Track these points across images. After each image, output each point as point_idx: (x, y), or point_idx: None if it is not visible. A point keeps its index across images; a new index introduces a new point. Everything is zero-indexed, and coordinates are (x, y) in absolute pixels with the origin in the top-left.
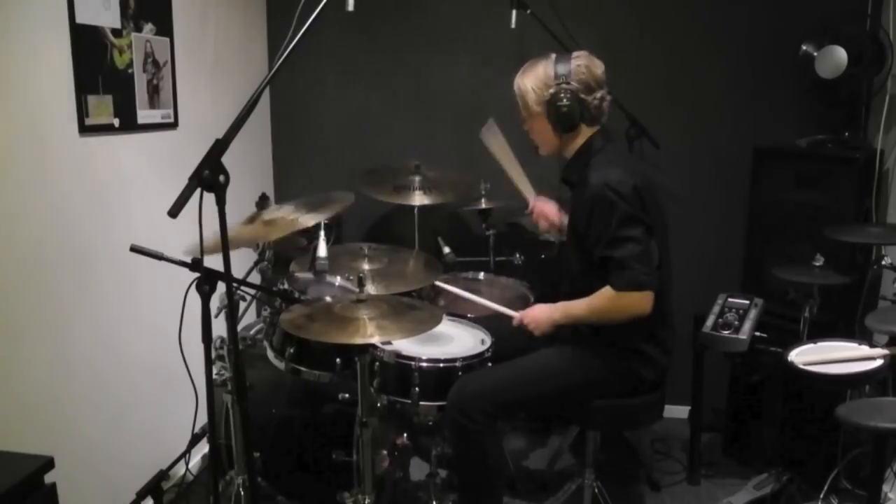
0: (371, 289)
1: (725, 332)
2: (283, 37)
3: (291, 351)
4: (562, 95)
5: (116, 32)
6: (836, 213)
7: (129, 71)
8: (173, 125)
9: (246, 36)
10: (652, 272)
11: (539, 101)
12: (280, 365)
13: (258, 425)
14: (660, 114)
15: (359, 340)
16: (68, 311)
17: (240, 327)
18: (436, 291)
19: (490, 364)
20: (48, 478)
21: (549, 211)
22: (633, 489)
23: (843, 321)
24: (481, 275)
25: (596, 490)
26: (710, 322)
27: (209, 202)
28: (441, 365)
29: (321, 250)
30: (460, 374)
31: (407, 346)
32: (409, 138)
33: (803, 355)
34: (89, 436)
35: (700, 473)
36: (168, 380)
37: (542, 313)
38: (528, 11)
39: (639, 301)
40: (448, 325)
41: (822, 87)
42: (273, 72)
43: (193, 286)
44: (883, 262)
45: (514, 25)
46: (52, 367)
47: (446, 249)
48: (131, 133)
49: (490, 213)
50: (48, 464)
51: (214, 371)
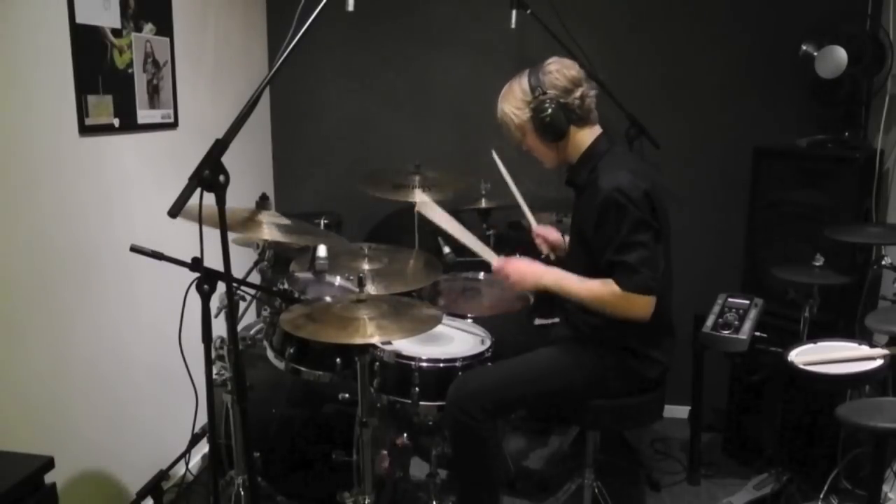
0: (371, 289)
1: (725, 332)
2: (283, 37)
3: (291, 351)
4: (545, 106)
5: (116, 32)
6: (836, 213)
7: (129, 71)
8: (173, 125)
9: (246, 36)
10: (657, 278)
11: (524, 118)
12: (280, 365)
13: (258, 425)
14: (660, 114)
15: (359, 340)
16: (68, 310)
17: (240, 327)
18: (437, 290)
19: (489, 364)
20: (48, 478)
21: (550, 235)
22: (633, 489)
23: (843, 321)
24: (481, 275)
25: (596, 490)
26: (710, 322)
27: (209, 202)
28: (441, 365)
29: (321, 250)
30: (460, 374)
31: (407, 346)
32: (409, 138)
33: (803, 355)
34: (89, 436)
35: (700, 473)
36: (168, 380)
37: (531, 270)
38: (528, 11)
39: (642, 305)
40: (448, 325)
41: (822, 87)
42: (273, 72)
43: (193, 286)
44: (883, 262)
45: (514, 25)
46: (52, 367)
47: (446, 249)
48: (131, 133)
49: (490, 213)
50: (48, 464)
51: (214, 371)
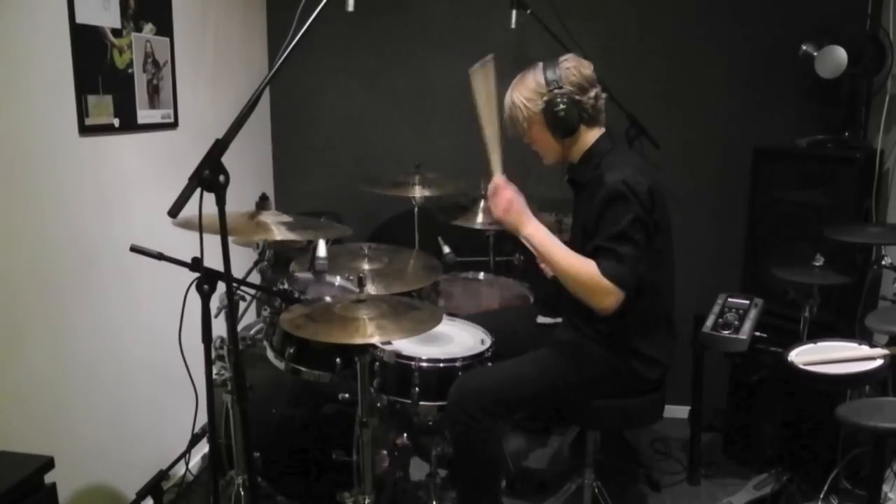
0: (371, 289)
1: (725, 332)
2: (283, 37)
3: (291, 351)
4: (557, 101)
5: (116, 32)
6: (836, 213)
7: (129, 71)
8: (173, 125)
9: (246, 36)
10: (633, 281)
11: (535, 110)
12: (280, 365)
13: (258, 425)
14: (660, 114)
15: (359, 340)
16: (68, 310)
17: (240, 327)
18: (437, 290)
19: (490, 364)
20: (48, 478)
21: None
22: (633, 489)
23: (843, 321)
24: (481, 275)
25: (596, 490)
26: (710, 322)
27: (209, 202)
28: (441, 365)
29: (321, 250)
30: (460, 374)
31: (407, 346)
32: (409, 138)
33: (803, 355)
34: (89, 436)
35: (700, 473)
36: (168, 380)
37: (519, 210)
38: (528, 11)
39: (611, 297)
40: (448, 325)
41: (822, 87)
42: (273, 72)
43: (193, 286)
44: (883, 262)
45: (514, 25)
46: (52, 367)
47: (446, 249)
48: (131, 133)
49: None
50: (48, 464)
51: (214, 371)
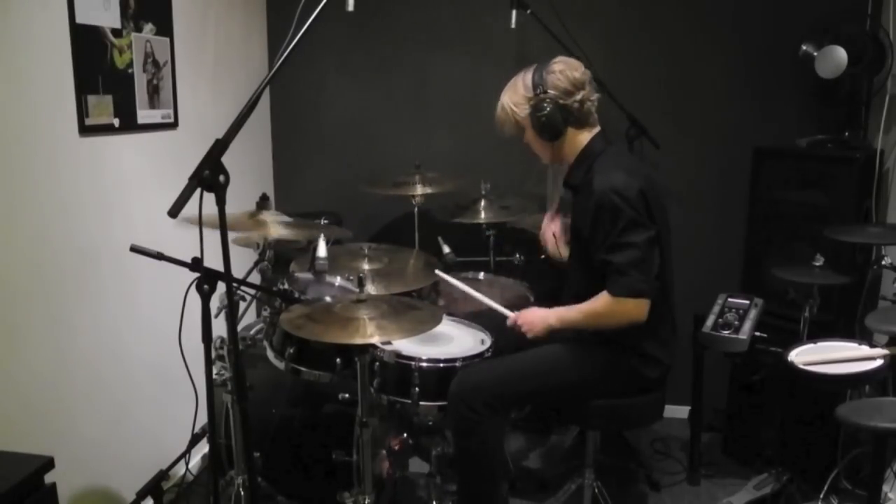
0: (371, 289)
1: (725, 332)
2: (283, 37)
3: (291, 351)
4: (542, 105)
5: (116, 32)
6: (836, 213)
7: (129, 71)
8: (173, 125)
9: (246, 36)
10: (649, 280)
11: (522, 115)
12: (280, 365)
13: (258, 425)
14: (660, 114)
15: (359, 340)
16: (68, 310)
17: (240, 327)
18: (437, 290)
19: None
20: (48, 478)
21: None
22: (633, 489)
23: (843, 321)
24: (481, 275)
25: (596, 490)
26: (710, 322)
27: (209, 202)
28: (441, 365)
29: (321, 250)
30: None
31: (407, 346)
32: (409, 138)
33: (803, 355)
34: (89, 436)
35: (700, 473)
36: (168, 380)
37: (537, 317)
38: (528, 11)
39: (634, 308)
40: (448, 325)
41: (822, 87)
42: (273, 72)
43: (193, 286)
44: (883, 262)
45: (514, 25)
46: (52, 366)
47: (446, 249)
48: (131, 133)
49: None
50: (48, 464)
51: (214, 371)
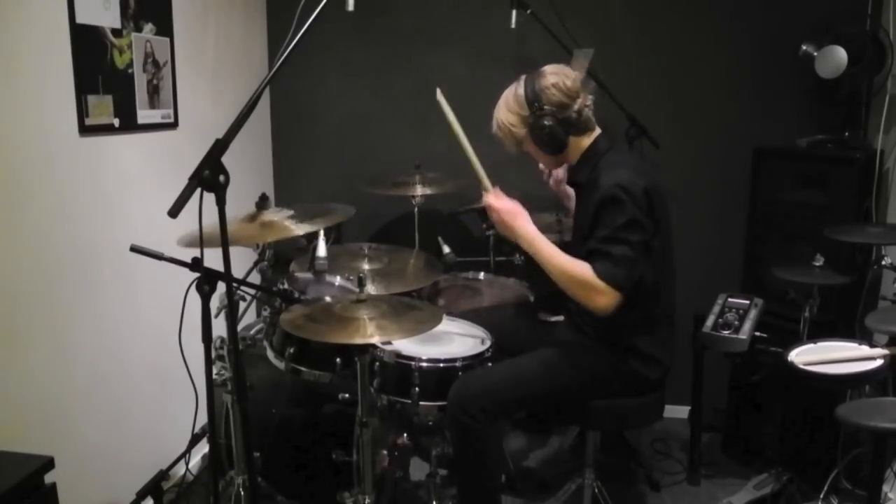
0: (371, 289)
1: (725, 332)
2: (283, 37)
3: (291, 351)
4: (542, 122)
5: (116, 32)
6: (836, 213)
7: (129, 71)
8: (173, 125)
9: (246, 36)
10: (630, 281)
11: (521, 133)
12: (280, 365)
13: (258, 425)
14: (660, 114)
15: (359, 340)
16: (68, 310)
17: (240, 327)
18: (437, 290)
19: (490, 364)
20: (48, 478)
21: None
22: (633, 489)
23: (843, 321)
24: (481, 275)
25: (596, 490)
26: (710, 322)
27: (209, 202)
28: (441, 365)
29: (321, 250)
30: (460, 374)
31: (407, 346)
32: (409, 138)
33: (803, 355)
34: (89, 436)
35: (700, 473)
36: (168, 380)
37: (515, 218)
38: (529, 11)
39: (607, 298)
40: (448, 325)
41: (822, 87)
42: (273, 72)
43: (193, 286)
44: (883, 262)
45: (514, 25)
46: (52, 367)
47: (446, 249)
48: (131, 133)
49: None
50: (48, 464)
51: (214, 371)
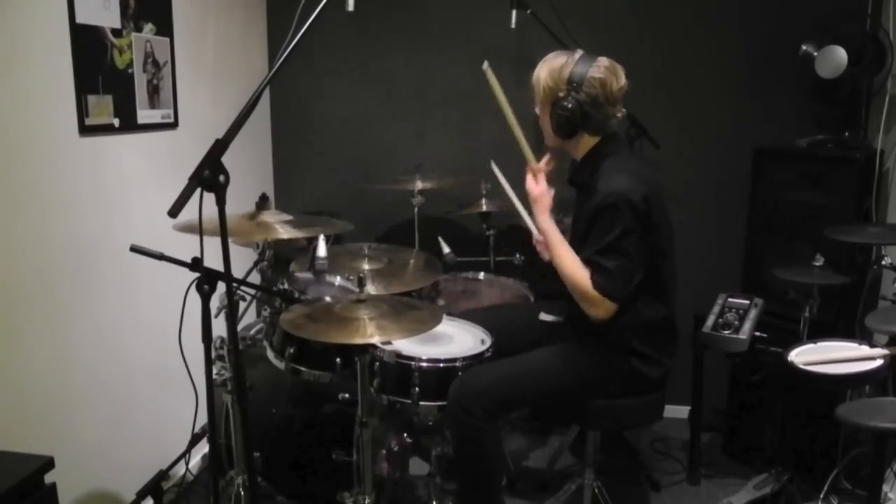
0: (371, 289)
1: (725, 332)
2: (283, 37)
3: (291, 351)
4: (566, 103)
5: (116, 32)
6: (836, 213)
7: (129, 71)
8: (173, 125)
9: (246, 36)
10: (626, 289)
11: (547, 97)
12: (280, 365)
13: (258, 425)
14: (660, 114)
15: (359, 340)
16: (68, 310)
17: (240, 327)
18: (437, 290)
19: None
20: (48, 478)
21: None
22: (633, 489)
23: (843, 321)
24: (481, 275)
25: (596, 490)
26: (710, 322)
27: (209, 202)
28: (441, 365)
29: (321, 250)
30: (460, 374)
31: (407, 346)
32: (409, 138)
33: (803, 355)
34: (89, 436)
35: (700, 473)
36: (168, 380)
37: (534, 207)
38: (529, 11)
39: (602, 308)
40: (448, 325)
41: (822, 87)
42: (273, 72)
43: (193, 286)
44: (883, 262)
45: (514, 25)
46: (52, 367)
47: (446, 249)
48: (131, 133)
49: (490, 214)
50: (48, 464)
51: (214, 371)
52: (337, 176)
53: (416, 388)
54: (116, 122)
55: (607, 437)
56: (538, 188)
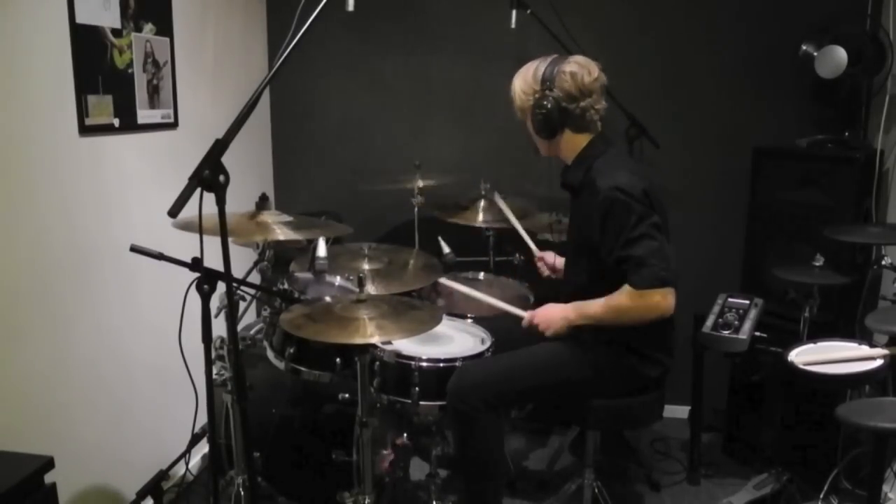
0: (371, 289)
1: (725, 332)
2: (283, 37)
3: (291, 351)
4: (544, 103)
5: (116, 32)
6: (836, 213)
7: (129, 71)
8: (173, 125)
9: (246, 36)
10: (669, 269)
11: (526, 105)
12: (280, 365)
13: (258, 425)
14: (660, 114)
15: (359, 340)
16: (68, 310)
17: (240, 327)
18: (439, 291)
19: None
20: (48, 478)
21: (550, 259)
22: (633, 489)
23: (843, 321)
24: (481, 275)
25: (596, 490)
26: (710, 322)
27: (209, 202)
28: (441, 365)
29: (321, 250)
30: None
31: (407, 345)
32: (409, 138)
33: (803, 355)
34: (89, 436)
35: (700, 473)
36: (168, 380)
37: (555, 313)
38: (528, 11)
39: (662, 299)
40: (448, 325)
41: (822, 87)
42: (273, 72)
43: (193, 286)
44: (883, 262)
45: (514, 25)
46: (52, 367)
47: (446, 249)
48: (131, 133)
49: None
50: (48, 464)
51: (214, 371)
52: (337, 176)
53: (416, 388)
54: (116, 122)
55: (607, 437)
56: (538, 315)
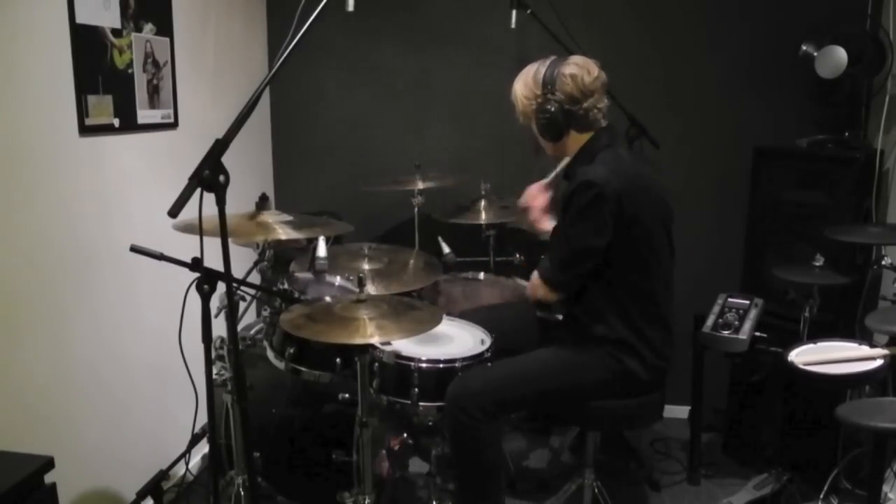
0: (371, 289)
1: (725, 332)
2: (283, 37)
3: (291, 351)
4: (547, 107)
5: (116, 32)
6: (836, 213)
7: (129, 71)
8: (173, 125)
9: (246, 36)
10: (569, 281)
11: (529, 109)
12: (280, 365)
13: (258, 425)
14: (660, 113)
15: (359, 340)
16: (68, 311)
17: (240, 327)
18: (437, 290)
19: (489, 364)
20: (48, 478)
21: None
22: (633, 489)
23: (843, 321)
24: (481, 275)
25: (596, 490)
26: (710, 322)
27: (209, 202)
28: (441, 365)
29: (321, 250)
30: (460, 374)
31: (406, 346)
32: (409, 138)
33: (803, 355)
34: (89, 436)
35: (700, 473)
36: (168, 380)
37: (543, 219)
38: (528, 11)
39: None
40: (448, 325)
41: (822, 87)
42: (273, 72)
43: (193, 286)
44: (883, 262)
45: (514, 25)
46: (52, 367)
47: (446, 249)
48: (131, 133)
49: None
50: (48, 464)
51: (214, 371)
52: (337, 176)
53: (416, 389)
54: (116, 123)
55: (607, 437)
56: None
